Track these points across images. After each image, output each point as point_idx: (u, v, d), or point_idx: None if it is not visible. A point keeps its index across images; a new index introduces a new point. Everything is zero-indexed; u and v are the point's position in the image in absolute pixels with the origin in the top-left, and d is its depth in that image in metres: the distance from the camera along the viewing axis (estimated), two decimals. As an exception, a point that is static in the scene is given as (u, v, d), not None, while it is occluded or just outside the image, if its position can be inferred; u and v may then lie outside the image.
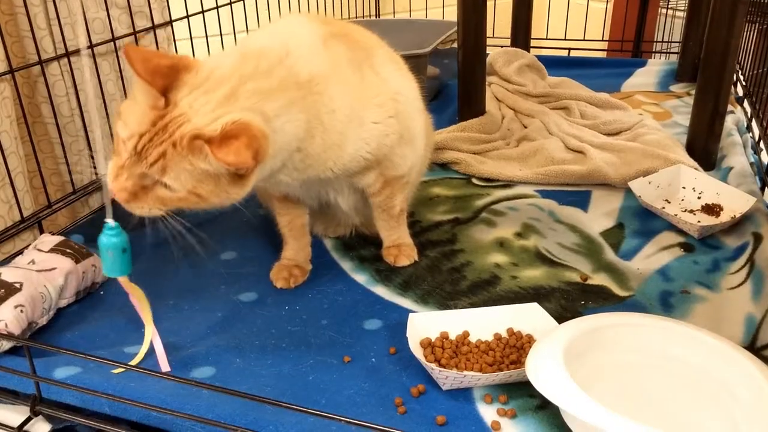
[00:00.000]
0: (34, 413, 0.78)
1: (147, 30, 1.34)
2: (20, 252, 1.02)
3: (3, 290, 0.86)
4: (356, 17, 2.34)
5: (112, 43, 1.26)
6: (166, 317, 0.95)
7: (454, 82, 1.63)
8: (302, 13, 1.04)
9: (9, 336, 0.82)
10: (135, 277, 1.05)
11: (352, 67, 0.92)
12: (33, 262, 0.95)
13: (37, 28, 1.11)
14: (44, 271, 0.93)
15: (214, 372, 0.83)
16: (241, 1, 1.65)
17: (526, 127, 1.58)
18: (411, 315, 0.87)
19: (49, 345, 0.82)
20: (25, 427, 0.78)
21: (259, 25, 1.67)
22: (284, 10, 1.94)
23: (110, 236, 0.74)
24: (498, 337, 0.87)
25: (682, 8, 2.37)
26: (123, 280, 0.79)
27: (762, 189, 1.23)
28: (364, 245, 1.13)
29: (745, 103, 1.65)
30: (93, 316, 0.96)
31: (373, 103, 0.93)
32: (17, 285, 0.88)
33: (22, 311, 0.86)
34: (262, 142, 0.75)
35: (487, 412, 0.76)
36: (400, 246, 1.08)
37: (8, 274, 0.89)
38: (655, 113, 1.67)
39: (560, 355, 0.73)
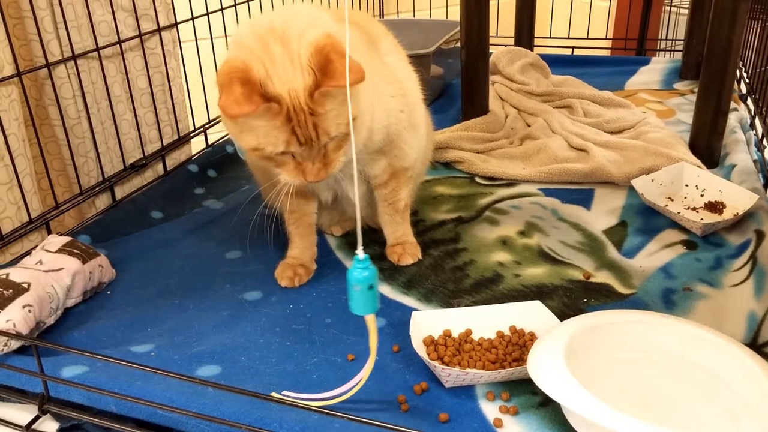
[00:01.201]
0: (42, 412, 0.79)
1: (152, 32, 1.35)
2: (28, 252, 1.03)
3: (11, 290, 0.87)
4: (360, 17, 2.34)
5: (118, 45, 1.27)
6: (172, 316, 0.96)
7: (458, 81, 1.64)
8: (306, 3, 1.07)
9: (17, 335, 0.83)
10: (141, 276, 1.07)
11: (363, 48, 0.95)
12: (41, 262, 0.96)
13: (44, 31, 1.13)
14: (52, 272, 0.94)
15: (220, 370, 0.84)
16: (246, 3, 1.66)
17: (529, 126, 1.58)
18: (414, 313, 0.88)
19: (56, 344, 0.83)
20: (33, 426, 0.79)
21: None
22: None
23: (360, 270, 0.69)
24: (500, 335, 0.87)
25: (686, 6, 2.36)
26: (370, 319, 0.72)
27: (765, 186, 1.23)
28: (368, 244, 1.14)
29: (749, 101, 1.65)
30: (100, 315, 0.97)
31: (386, 81, 0.97)
32: (25, 285, 0.89)
33: (30, 311, 0.87)
34: (332, 40, 0.79)
35: (490, 410, 0.76)
36: (404, 244, 1.09)
37: (16, 274, 0.90)
38: (659, 111, 1.67)
39: (562, 353, 0.74)
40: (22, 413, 0.81)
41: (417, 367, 0.83)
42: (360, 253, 0.69)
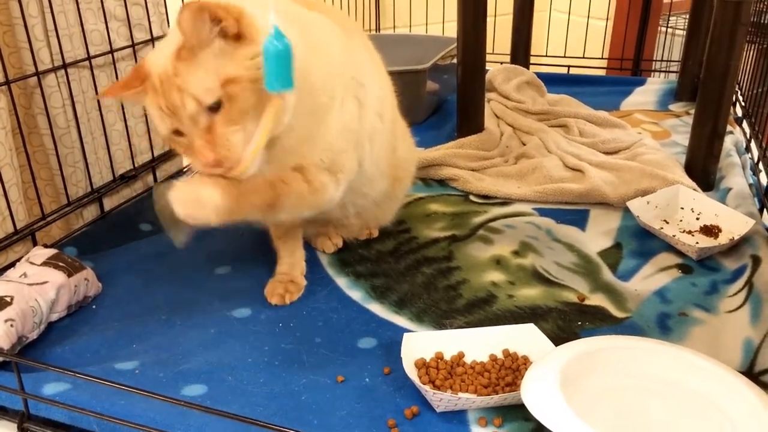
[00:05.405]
0: (22, 430, 0.77)
1: (146, 42, 1.33)
2: (12, 264, 1.01)
3: (-7, 304, 0.85)
4: (356, 31, 2.33)
5: (110, 55, 1.26)
6: (158, 332, 0.94)
7: (453, 97, 1.63)
8: None
9: (-3, 351, 0.81)
10: (128, 290, 1.05)
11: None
12: (25, 275, 0.94)
13: (35, 39, 1.11)
14: (36, 285, 0.92)
15: (206, 390, 0.82)
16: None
17: (524, 145, 1.58)
18: (405, 335, 0.86)
19: (37, 361, 0.81)
20: (12, 445, 0.77)
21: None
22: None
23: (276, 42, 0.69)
24: (493, 359, 0.86)
25: (682, 27, 2.37)
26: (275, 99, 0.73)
27: (761, 211, 1.22)
28: (360, 261, 1.12)
29: (744, 124, 1.64)
30: (84, 330, 0.95)
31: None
32: (8, 299, 0.87)
33: (12, 325, 0.84)
34: None
35: (482, 436, 0.75)
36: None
37: (-1, 287, 0.88)
38: (654, 132, 1.67)
39: (556, 379, 0.73)
40: (1, 431, 0.79)
41: (408, 390, 0.82)
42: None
